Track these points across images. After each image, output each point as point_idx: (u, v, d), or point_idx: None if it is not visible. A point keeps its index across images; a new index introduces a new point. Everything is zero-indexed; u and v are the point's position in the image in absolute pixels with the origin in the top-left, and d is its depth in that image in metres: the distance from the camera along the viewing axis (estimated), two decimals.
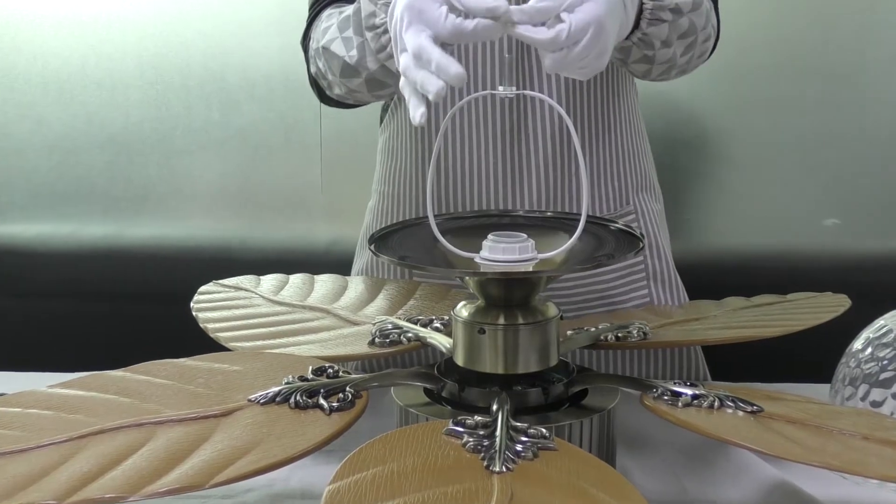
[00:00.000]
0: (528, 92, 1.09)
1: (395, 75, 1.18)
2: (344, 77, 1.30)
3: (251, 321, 1.24)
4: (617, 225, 1.15)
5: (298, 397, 0.96)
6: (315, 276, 1.41)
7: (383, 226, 1.49)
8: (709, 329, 1.24)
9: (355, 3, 1.26)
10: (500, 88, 1.05)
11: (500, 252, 1.03)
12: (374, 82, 1.29)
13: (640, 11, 1.20)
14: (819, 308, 1.27)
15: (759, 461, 1.09)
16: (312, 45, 1.37)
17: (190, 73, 2.11)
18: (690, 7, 1.22)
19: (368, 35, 1.23)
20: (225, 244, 2.13)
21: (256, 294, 1.34)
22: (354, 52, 1.25)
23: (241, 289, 1.36)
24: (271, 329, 1.22)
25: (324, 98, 1.43)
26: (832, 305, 1.28)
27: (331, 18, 1.32)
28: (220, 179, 2.12)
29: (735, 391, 1.00)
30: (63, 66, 2.12)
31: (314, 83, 1.42)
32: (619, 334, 1.20)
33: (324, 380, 1.00)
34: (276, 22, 2.06)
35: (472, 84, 1.39)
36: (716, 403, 0.98)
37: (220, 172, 2.12)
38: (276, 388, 0.97)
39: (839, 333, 1.24)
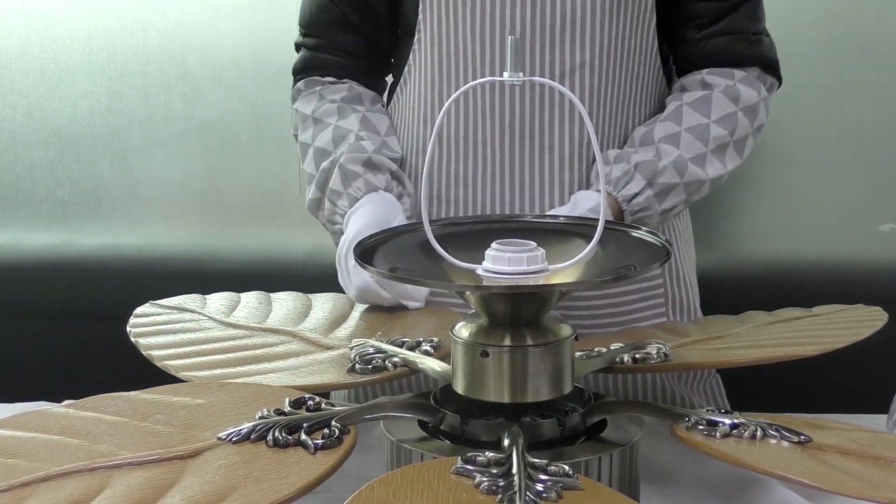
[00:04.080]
0: (536, 79, 1.09)
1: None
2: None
3: (203, 347, 1.23)
4: (639, 231, 1.15)
5: (277, 434, 0.96)
6: (272, 295, 1.40)
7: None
8: (736, 348, 1.24)
9: (327, 161, 1.45)
10: (506, 75, 1.05)
11: (505, 263, 1.03)
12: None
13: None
14: (854, 322, 1.27)
15: (801, 501, 1.09)
16: (295, 115, 1.55)
17: (147, 58, 2.11)
18: (684, 200, 1.41)
19: (325, 224, 1.48)
20: (188, 255, 2.13)
21: (204, 315, 1.33)
22: (312, 195, 1.48)
23: (184, 310, 1.35)
24: (229, 356, 1.21)
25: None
26: (868, 319, 1.28)
27: (312, 117, 1.51)
28: (182, 180, 2.13)
29: (777, 419, 1.01)
30: (1, 49, 2.12)
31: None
32: (637, 355, 1.20)
33: (304, 413, 1.00)
34: None
35: (489, 64, 1.41)
36: (758, 433, 0.98)
37: (183, 172, 2.13)
38: (250, 424, 0.97)
39: (890, 356, 1.24)
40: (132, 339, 1.25)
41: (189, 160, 2.12)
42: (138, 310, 1.35)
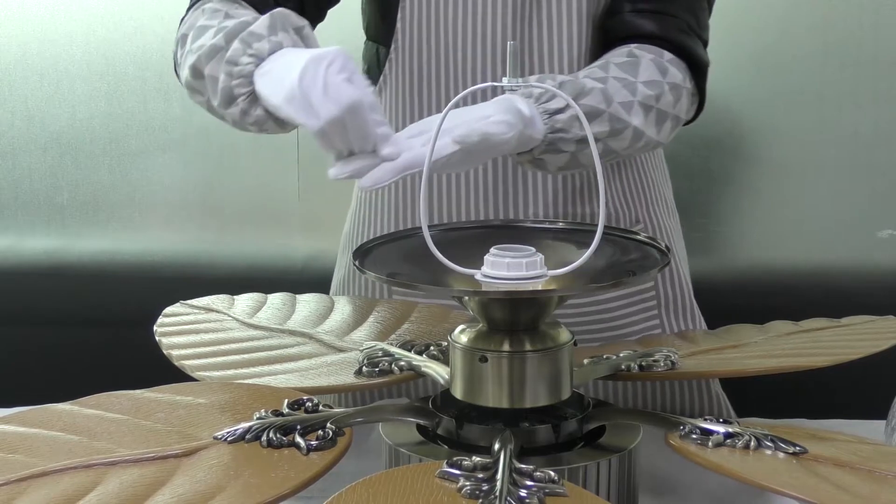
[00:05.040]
0: (536, 84, 1.09)
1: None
2: (187, 87, 1.30)
3: (222, 347, 1.25)
4: (638, 237, 1.15)
5: (271, 434, 0.96)
6: (297, 296, 1.41)
7: (363, 236, 1.50)
8: (747, 358, 1.24)
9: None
10: (505, 80, 1.06)
11: (504, 268, 1.03)
12: (213, 112, 1.28)
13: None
14: (877, 334, 1.27)
15: None
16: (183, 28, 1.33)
17: (146, 63, 2.11)
18: (606, 133, 1.26)
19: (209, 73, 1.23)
20: (187, 260, 2.14)
21: (229, 316, 1.34)
22: (210, 40, 1.24)
23: (212, 310, 1.36)
24: (245, 356, 1.22)
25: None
26: (892, 331, 1.28)
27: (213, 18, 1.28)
28: (180, 185, 2.13)
29: (774, 429, 1.01)
30: (0, 54, 2.13)
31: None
32: (643, 363, 1.20)
33: (301, 414, 1.01)
34: None
35: (471, 75, 1.40)
36: (752, 443, 0.98)
37: (181, 177, 2.13)
38: (246, 424, 0.98)
39: (894, 362, 1.24)
40: (157, 339, 1.27)
41: (187, 165, 2.12)
42: (168, 309, 1.36)
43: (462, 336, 1.06)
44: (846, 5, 1.97)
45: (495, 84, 1.07)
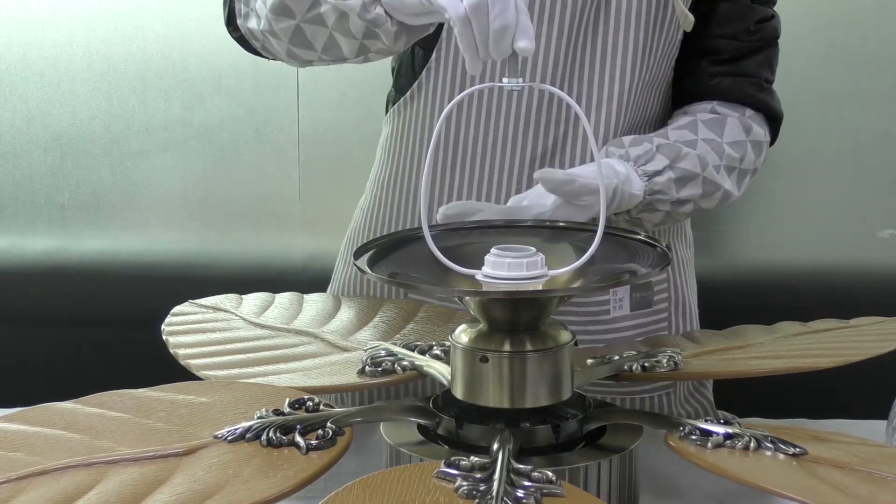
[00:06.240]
0: (535, 84, 1.09)
1: (330, 40, 1.21)
2: (273, 13, 1.24)
3: (228, 346, 1.25)
4: (638, 237, 1.15)
5: (271, 434, 0.97)
6: (304, 296, 1.41)
7: (372, 232, 1.50)
8: (752, 359, 1.24)
9: None
10: (505, 80, 1.05)
11: (504, 268, 1.03)
12: (301, 36, 1.24)
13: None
14: (884, 335, 1.28)
15: None
16: None
17: (146, 63, 2.11)
18: (699, 195, 1.34)
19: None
20: (188, 260, 2.14)
21: (237, 315, 1.34)
22: None
23: (219, 309, 1.36)
24: (250, 356, 1.22)
25: (230, 24, 1.38)
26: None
27: None
28: (181, 185, 2.13)
29: (775, 430, 1.01)
30: (1, 55, 2.13)
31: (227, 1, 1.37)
32: (646, 364, 1.20)
33: (301, 414, 1.01)
34: None
35: (517, 94, 1.39)
36: (752, 444, 0.98)
37: (182, 177, 2.13)
38: (247, 424, 0.98)
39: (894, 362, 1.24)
40: (164, 337, 1.27)
41: (188, 165, 2.13)
42: (176, 308, 1.37)
43: (463, 336, 1.06)
44: (848, 5, 1.97)
45: (495, 84, 1.07)
